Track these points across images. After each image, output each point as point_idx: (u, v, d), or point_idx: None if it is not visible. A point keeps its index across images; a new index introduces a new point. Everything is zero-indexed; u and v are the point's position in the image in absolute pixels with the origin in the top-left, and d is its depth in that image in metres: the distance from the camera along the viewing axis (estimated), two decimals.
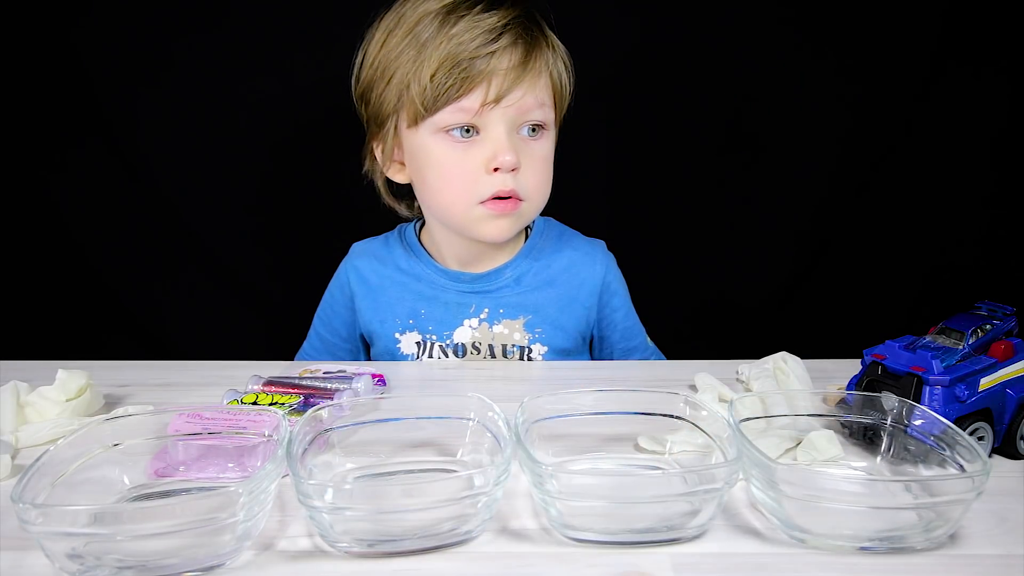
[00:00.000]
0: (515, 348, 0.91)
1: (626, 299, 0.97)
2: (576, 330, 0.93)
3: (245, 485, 0.46)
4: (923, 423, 0.58)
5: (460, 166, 0.82)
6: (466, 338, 0.91)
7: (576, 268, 0.94)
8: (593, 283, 0.94)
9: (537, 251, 0.94)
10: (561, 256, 0.94)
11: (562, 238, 0.96)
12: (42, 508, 0.44)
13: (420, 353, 0.92)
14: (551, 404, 0.60)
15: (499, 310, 0.92)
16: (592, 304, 0.94)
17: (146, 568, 0.46)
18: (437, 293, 0.92)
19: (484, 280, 0.92)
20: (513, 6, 0.83)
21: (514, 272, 0.93)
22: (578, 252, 0.95)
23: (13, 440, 0.64)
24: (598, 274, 0.94)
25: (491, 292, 0.92)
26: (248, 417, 0.59)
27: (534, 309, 0.92)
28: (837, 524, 0.50)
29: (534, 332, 0.91)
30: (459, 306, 0.92)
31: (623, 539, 0.50)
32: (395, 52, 0.82)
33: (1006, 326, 0.67)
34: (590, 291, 0.93)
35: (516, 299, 0.92)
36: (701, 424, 0.59)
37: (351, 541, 0.49)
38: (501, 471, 0.49)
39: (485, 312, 0.92)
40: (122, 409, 0.69)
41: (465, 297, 0.92)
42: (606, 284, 0.94)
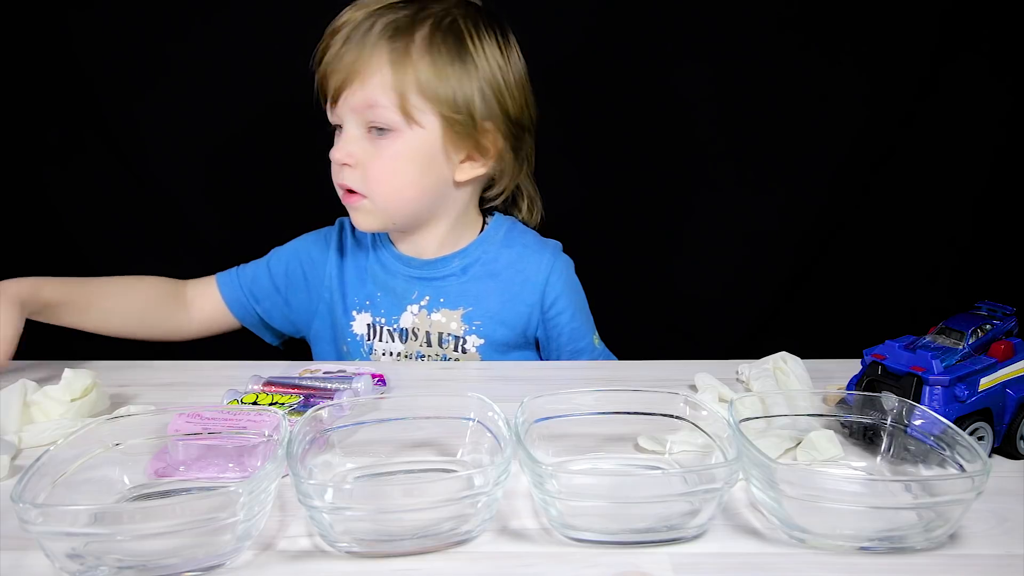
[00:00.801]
0: (450, 337, 0.92)
1: (573, 301, 0.97)
2: (518, 326, 0.94)
3: (245, 485, 0.46)
4: (923, 423, 0.58)
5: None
6: (408, 323, 0.93)
7: (522, 265, 0.95)
8: (537, 281, 0.94)
9: (488, 243, 0.96)
10: (510, 251, 0.95)
11: (513, 234, 0.98)
12: (42, 508, 0.44)
13: (370, 335, 0.94)
14: (551, 404, 0.60)
15: (440, 299, 0.93)
16: (535, 303, 0.94)
17: (146, 568, 0.46)
18: (388, 278, 0.95)
19: (431, 267, 0.94)
20: (393, 6, 0.85)
21: (462, 262, 0.94)
22: (527, 249, 0.96)
23: (16, 440, 0.64)
24: (543, 273, 0.94)
25: (435, 280, 0.94)
26: (248, 417, 0.59)
27: (475, 301, 0.93)
28: (837, 524, 0.50)
29: (472, 324, 0.92)
30: (404, 291, 0.94)
31: (623, 539, 0.51)
32: None
33: (1006, 326, 0.67)
34: (533, 289, 0.94)
35: (458, 289, 0.94)
36: (701, 424, 0.59)
37: (351, 541, 0.49)
38: (501, 471, 0.49)
39: (426, 299, 0.94)
40: (124, 409, 0.69)
41: (410, 283, 0.94)
42: (550, 284, 0.94)
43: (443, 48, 0.85)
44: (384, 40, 0.84)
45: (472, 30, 0.88)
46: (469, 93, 0.86)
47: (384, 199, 0.88)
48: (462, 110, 0.86)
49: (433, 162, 0.88)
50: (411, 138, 0.86)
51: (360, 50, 0.83)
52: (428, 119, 0.85)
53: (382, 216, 0.89)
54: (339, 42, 0.85)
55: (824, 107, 1.25)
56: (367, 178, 0.86)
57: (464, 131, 0.87)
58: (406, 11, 0.86)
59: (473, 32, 0.88)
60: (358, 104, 0.84)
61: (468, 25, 0.88)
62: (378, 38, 0.84)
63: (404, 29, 0.84)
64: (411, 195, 0.89)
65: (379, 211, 0.88)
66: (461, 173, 0.91)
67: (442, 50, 0.85)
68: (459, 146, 0.89)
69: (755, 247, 1.32)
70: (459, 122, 0.87)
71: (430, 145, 0.87)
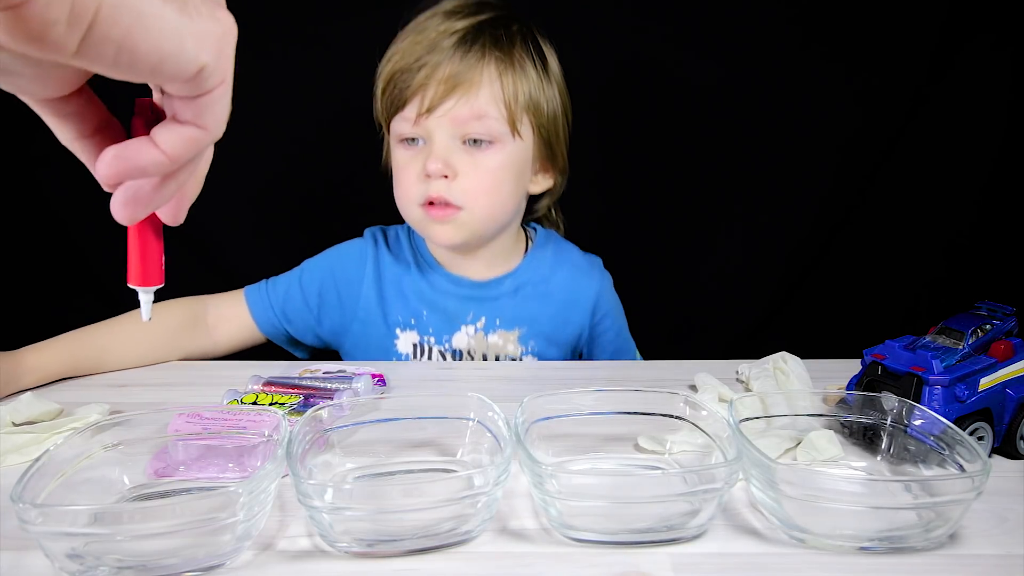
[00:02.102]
0: (507, 358, 0.93)
1: (618, 319, 0.99)
2: (568, 345, 0.95)
3: (245, 485, 0.46)
4: (923, 423, 0.58)
5: (405, 170, 0.86)
6: (463, 344, 0.92)
7: (572, 285, 0.95)
8: (587, 301, 0.95)
9: (537, 263, 0.95)
10: (559, 271, 0.96)
11: (560, 253, 0.98)
12: (42, 508, 0.44)
13: (417, 355, 0.93)
14: (551, 404, 0.60)
15: (496, 320, 0.93)
16: (585, 322, 0.95)
17: (146, 568, 0.46)
18: (438, 297, 0.93)
19: (484, 288, 0.93)
20: (479, 16, 0.84)
21: (513, 283, 0.94)
22: (576, 270, 0.96)
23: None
24: (592, 292, 0.96)
25: (489, 300, 0.93)
26: (248, 417, 0.59)
27: (529, 322, 0.93)
28: (837, 524, 0.50)
29: (527, 344, 0.93)
30: (458, 312, 0.93)
31: (623, 539, 0.51)
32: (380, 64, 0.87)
33: (1006, 326, 0.67)
34: (583, 309, 0.95)
35: (513, 310, 0.93)
36: (701, 424, 0.59)
37: (351, 541, 0.49)
38: (501, 471, 0.49)
39: (482, 321, 0.93)
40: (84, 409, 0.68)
41: (464, 304, 0.93)
42: (599, 303, 0.96)
43: (536, 60, 0.86)
44: (492, 51, 0.83)
45: (545, 42, 0.90)
46: (554, 104, 0.88)
47: (484, 211, 0.86)
48: (552, 121, 0.88)
49: (524, 174, 0.89)
50: (512, 150, 0.85)
51: (465, 61, 0.81)
52: (526, 131, 0.86)
53: (474, 229, 0.87)
54: (433, 52, 0.82)
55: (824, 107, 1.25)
56: (466, 190, 0.84)
57: (548, 142, 0.89)
58: (493, 21, 0.85)
59: (546, 43, 0.90)
60: (463, 115, 0.82)
61: (542, 36, 0.89)
62: (484, 49, 0.82)
63: (506, 41, 0.84)
64: (510, 207, 0.89)
65: (475, 223, 0.86)
66: (535, 185, 0.92)
67: (536, 62, 0.86)
68: (540, 157, 0.90)
69: (755, 247, 1.33)
70: (548, 133, 0.88)
71: (525, 156, 0.88)
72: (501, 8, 0.87)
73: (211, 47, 0.33)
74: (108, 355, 0.82)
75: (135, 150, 0.34)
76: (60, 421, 0.66)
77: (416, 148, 0.85)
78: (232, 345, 0.92)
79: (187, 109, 0.34)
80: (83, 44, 0.28)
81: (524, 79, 0.84)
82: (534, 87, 0.85)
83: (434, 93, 0.81)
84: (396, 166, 0.88)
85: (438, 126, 0.83)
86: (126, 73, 0.31)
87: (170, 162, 0.35)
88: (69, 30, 0.27)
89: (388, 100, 0.85)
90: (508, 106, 0.83)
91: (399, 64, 0.83)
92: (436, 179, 0.83)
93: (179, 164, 0.35)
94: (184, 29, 0.31)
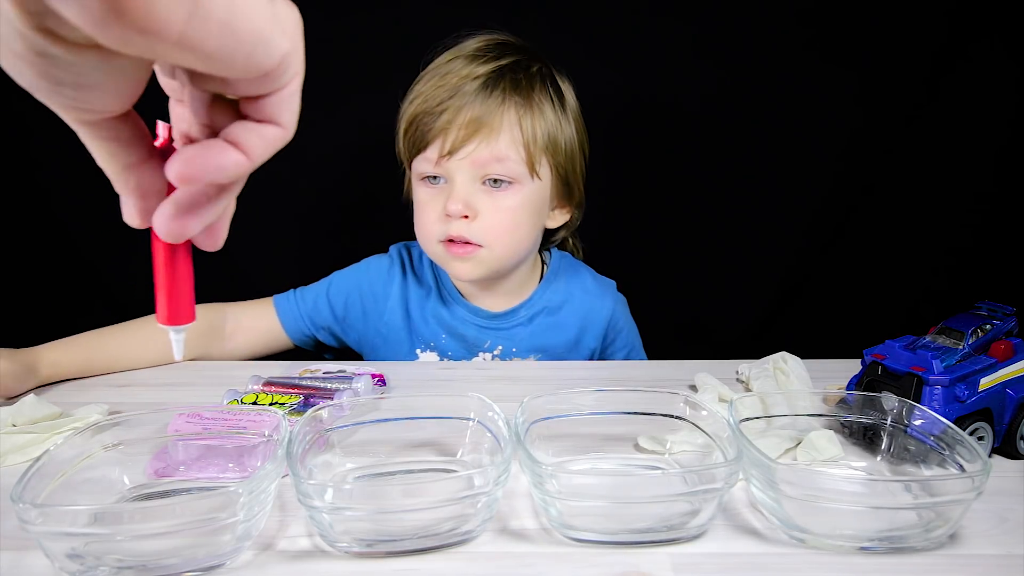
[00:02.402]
0: None
1: (629, 339, 1.00)
2: None
3: (245, 485, 0.46)
4: (923, 423, 0.58)
5: (426, 208, 0.88)
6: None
7: (585, 311, 0.97)
8: (599, 326, 0.97)
9: (551, 291, 0.97)
10: (571, 299, 0.97)
11: (574, 278, 0.99)
12: (42, 508, 0.44)
13: None
14: (551, 404, 0.60)
15: (512, 349, 0.95)
16: (596, 345, 0.97)
17: (146, 568, 0.46)
18: (457, 324, 0.95)
19: (500, 319, 0.95)
20: (500, 61, 0.85)
21: (528, 312, 0.96)
22: (588, 294, 0.98)
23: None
24: (604, 317, 0.97)
25: (505, 330, 0.95)
26: (248, 417, 0.59)
27: (543, 349, 0.95)
28: (837, 524, 0.50)
29: None
30: (476, 340, 0.95)
31: (623, 539, 0.51)
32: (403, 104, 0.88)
33: (1006, 326, 0.67)
34: (595, 334, 0.97)
35: (528, 340, 0.95)
36: (701, 424, 0.59)
37: (351, 541, 0.49)
38: (501, 471, 0.49)
39: (499, 349, 0.95)
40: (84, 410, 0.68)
41: (482, 332, 0.95)
42: (610, 326, 0.98)
43: (554, 100, 0.88)
44: (512, 95, 0.84)
45: (563, 78, 0.91)
46: (571, 143, 0.89)
47: (503, 249, 0.87)
48: (569, 158, 0.89)
49: (542, 211, 0.90)
50: (531, 190, 0.86)
51: (486, 106, 0.83)
52: (544, 171, 0.87)
53: (493, 266, 0.88)
54: (455, 96, 0.83)
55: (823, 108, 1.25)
56: (485, 229, 0.85)
57: (565, 179, 0.90)
58: (514, 66, 0.86)
59: (564, 80, 0.91)
60: (483, 159, 0.83)
61: (559, 74, 0.90)
62: (505, 94, 0.84)
63: (525, 84, 0.85)
64: (528, 244, 0.90)
65: (494, 260, 0.87)
66: (552, 220, 0.94)
67: (554, 102, 0.87)
68: (557, 194, 0.91)
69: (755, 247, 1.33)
70: (566, 170, 0.89)
71: (544, 195, 0.89)
72: (522, 51, 0.88)
73: (291, 33, 0.31)
74: (121, 358, 0.83)
75: (217, 150, 0.32)
76: (60, 421, 0.66)
77: (437, 187, 0.87)
78: (244, 354, 0.93)
79: (263, 108, 0.32)
80: (189, 23, 0.25)
81: (542, 120, 0.86)
82: (552, 127, 0.87)
83: (456, 136, 0.83)
84: (417, 203, 0.90)
85: (459, 168, 0.84)
86: (218, 62, 0.28)
87: (250, 164, 0.33)
88: (175, 5, 0.25)
89: (410, 141, 0.87)
90: (527, 148, 0.84)
91: (422, 107, 0.85)
92: (456, 219, 0.85)
93: (256, 167, 0.33)
94: (271, 13, 0.29)
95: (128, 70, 0.29)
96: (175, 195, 0.33)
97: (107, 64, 0.28)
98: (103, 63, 0.27)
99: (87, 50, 0.26)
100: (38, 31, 0.25)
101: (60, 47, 0.26)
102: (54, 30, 0.25)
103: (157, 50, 0.26)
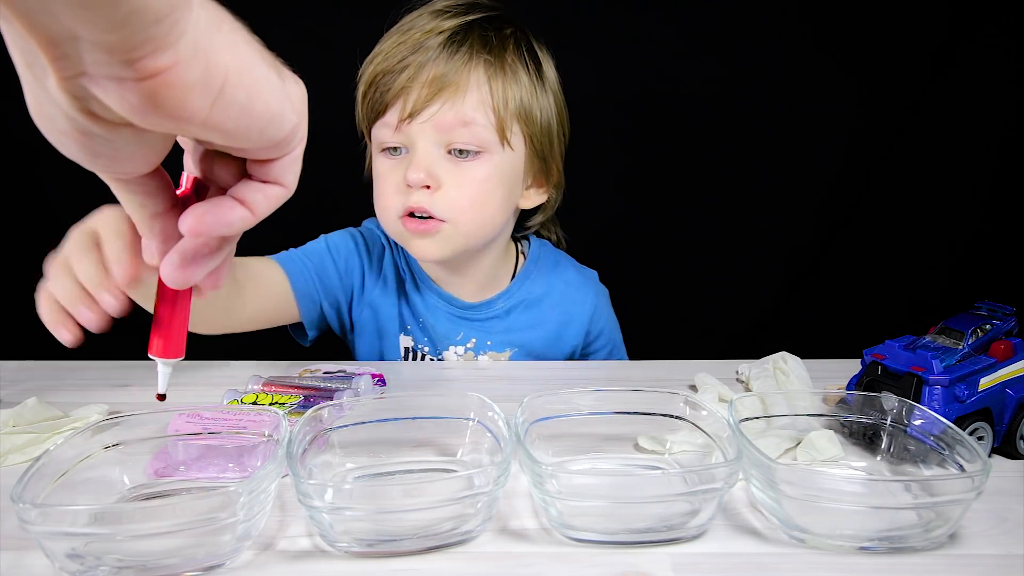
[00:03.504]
0: None
1: (612, 337, 0.96)
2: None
3: (245, 485, 0.46)
4: (923, 423, 0.58)
5: (385, 180, 0.81)
6: (452, 361, 0.91)
7: (566, 304, 0.92)
8: (581, 321, 0.93)
9: (530, 282, 0.92)
10: (552, 291, 0.92)
11: (555, 269, 0.94)
12: (42, 508, 0.44)
13: (409, 358, 0.92)
14: (551, 404, 0.60)
15: (486, 341, 0.91)
16: (578, 342, 0.93)
17: (146, 568, 0.46)
18: (429, 314, 0.91)
19: (474, 310, 0.91)
20: (469, 16, 0.79)
21: (505, 304, 0.91)
22: (569, 287, 0.93)
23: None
24: (587, 311, 0.93)
25: (479, 322, 0.91)
26: (248, 417, 0.59)
27: (520, 343, 0.91)
28: (837, 524, 0.50)
29: None
30: (448, 332, 0.91)
31: (623, 539, 0.51)
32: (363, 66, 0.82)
33: (1006, 326, 0.67)
34: (577, 329, 0.93)
35: (504, 333, 0.91)
36: (701, 424, 0.59)
37: (351, 541, 0.49)
38: (501, 471, 0.49)
39: (472, 342, 0.91)
40: (84, 410, 0.68)
41: (455, 323, 0.91)
42: (593, 322, 0.93)
43: (530, 66, 0.81)
44: (480, 52, 0.77)
45: (541, 47, 0.84)
46: (549, 113, 0.83)
47: (469, 225, 0.80)
48: (546, 132, 0.82)
49: (515, 187, 0.83)
50: (502, 161, 0.79)
51: (451, 63, 0.76)
52: (517, 141, 0.80)
53: (459, 244, 0.81)
54: (418, 52, 0.76)
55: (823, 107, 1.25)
56: (451, 203, 0.78)
57: (541, 154, 0.83)
58: (484, 21, 0.79)
59: (543, 49, 0.84)
60: (448, 122, 0.76)
61: (538, 42, 0.84)
62: (472, 50, 0.77)
63: (496, 43, 0.78)
64: (498, 222, 0.83)
65: (459, 238, 0.80)
66: (526, 200, 0.87)
67: (529, 68, 0.81)
68: (532, 170, 0.85)
69: (755, 247, 1.33)
70: (542, 144, 0.82)
71: (516, 168, 0.82)
72: (494, 9, 0.82)
73: (299, 108, 0.34)
74: None
75: (226, 207, 0.36)
76: (60, 421, 0.66)
77: (398, 158, 0.80)
78: (257, 309, 0.82)
79: (269, 170, 0.36)
80: (213, 109, 0.29)
81: (515, 84, 0.79)
82: (526, 93, 0.80)
83: (417, 96, 0.76)
84: (376, 176, 0.83)
85: (421, 133, 0.77)
86: (236, 138, 0.32)
87: (254, 219, 0.37)
88: (203, 95, 0.29)
89: (369, 104, 0.80)
90: (497, 112, 0.78)
91: (381, 65, 0.78)
92: (417, 190, 0.78)
93: (258, 221, 0.37)
94: (282, 92, 0.33)
95: (156, 142, 0.33)
96: (181, 246, 0.37)
97: (139, 139, 0.31)
98: (135, 138, 0.31)
99: (122, 128, 0.30)
100: (81, 112, 0.29)
101: (100, 126, 0.30)
102: (97, 113, 0.29)
103: (185, 131, 0.30)
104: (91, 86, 0.27)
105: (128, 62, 0.26)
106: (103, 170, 0.33)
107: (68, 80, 0.28)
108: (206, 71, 0.28)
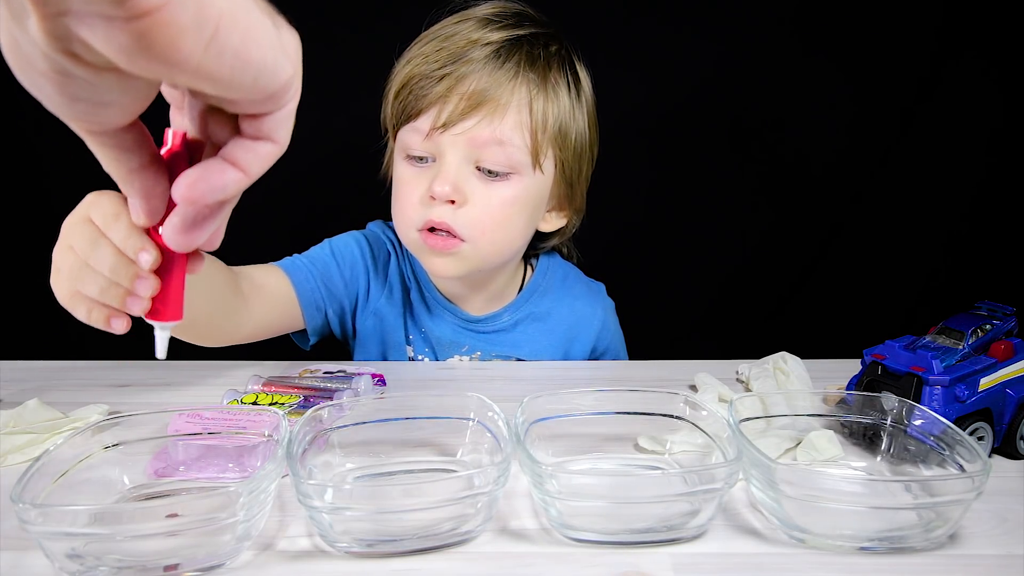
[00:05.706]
0: None
1: (617, 353, 0.95)
2: None
3: (245, 485, 0.46)
4: (923, 423, 0.58)
5: (408, 187, 0.78)
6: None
7: (573, 318, 0.91)
8: (588, 336, 0.91)
9: (537, 296, 0.90)
10: (559, 306, 0.91)
11: (563, 283, 0.92)
12: (42, 508, 0.44)
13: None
14: (551, 404, 0.60)
15: (491, 353, 0.89)
16: (583, 358, 0.92)
17: (146, 568, 0.46)
18: (434, 324, 0.89)
19: (480, 323, 0.89)
20: (518, 30, 0.76)
21: (511, 317, 0.90)
22: (577, 302, 0.91)
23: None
24: (595, 327, 0.91)
25: (484, 334, 0.89)
26: (248, 417, 0.59)
27: (527, 353, 0.90)
28: (837, 524, 0.50)
29: None
30: (453, 342, 0.89)
31: (623, 539, 0.50)
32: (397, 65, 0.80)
33: (1006, 326, 0.67)
34: (584, 345, 0.91)
35: (509, 347, 0.89)
36: (701, 424, 0.59)
37: (351, 541, 0.49)
38: (501, 471, 0.49)
39: (477, 354, 0.89)
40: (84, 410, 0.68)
41: (460, 334, 0.89)
42: (600, 338, 0.92)
43: (571, 86, 0.77)
44: (527, 71, 0.73)
45: (583, 67, 0.81)
46: (582, 138, 0.80)
47: (489, 247, 0.77)
48: (576, 157, 0.79)
49: (538, 210, 0.80)
50: (530, 184, 0.76)
51: (494, 78, 0.72)
52: (548, 165, 0.77)
53: (476, 264, 0.79)
54: (459, 62, 0.73)
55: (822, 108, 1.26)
56: (473, 221, 0.75)
57: (569, 180, 0.80)
58: (532, 38, 0.76)
59: (583, 69, 0.81)
60: (482, 138, 0.73)
61: (580, 61, 0.80)
62: (519, 67, 0.73)
63: (542, 61, 0.74)
64: (517, 245, 0.81)
65: (477, 259, 0.78)
66: (546, 223, 0.84)
67: (570, 88, 0.77)
68: (557, 194, 0.82)
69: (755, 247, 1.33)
70: (571, 170, 0.79)
71: (543, 192, 0.79)
72: (544, 25, 0.79)
73: (294, 58, 0.33)
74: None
75: (217, 171, 0.34)
76: (60, 421, 0.66)
77: (424, 167, 0.77)
78: (262, 320, 0.80)
79: (261, 126, 0.34)
80: (206, 54, 0.27)
81: (556, 105, 0.76)
82: (565, 115, 0.77)
83: (454, 108, 0.72)
84: (397, 181, 0.80)
85: (452, 145, 0.74)
86: (228, 87, 0.30)
87: (248, 180, 0.35)
88: (196, 38, 0.27)
89: (400, 106, 0.76)
90: (534, 135, 0.75)
91: (418, 69, 0.74)
92: (441, 203, 0.75)
93: (253, 182, 0.36)
94: (277, 40, 0.31)
95: (141, 89, 0.31)
96: (181, 209, 0.36)
97: (123, 84, 0.29)
98: (119, 83, 0.29)
99: (107, 72, 0.28)
100: (63, 53, 0.27)
101: (82, 68, 0.28)
102: (79, 54, 0.27)
103: (175, 77, 0.28)
104: (77, 25, 0.25)
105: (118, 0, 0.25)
106: (81, 117, 0.31)
107: (52, 18, 0.25)
108: (199, 12, 0.26)
